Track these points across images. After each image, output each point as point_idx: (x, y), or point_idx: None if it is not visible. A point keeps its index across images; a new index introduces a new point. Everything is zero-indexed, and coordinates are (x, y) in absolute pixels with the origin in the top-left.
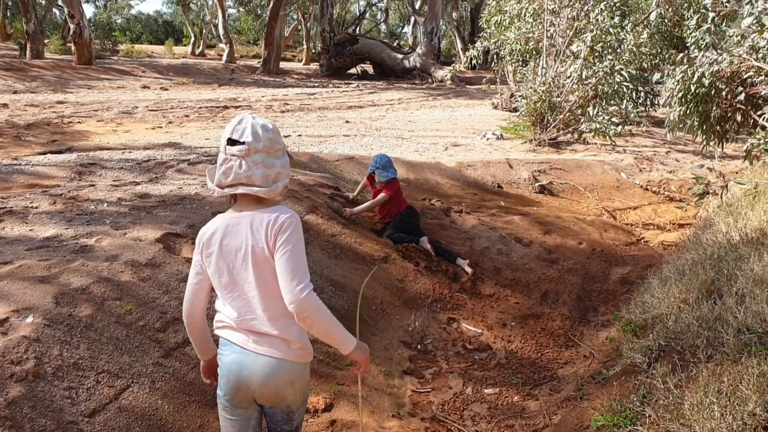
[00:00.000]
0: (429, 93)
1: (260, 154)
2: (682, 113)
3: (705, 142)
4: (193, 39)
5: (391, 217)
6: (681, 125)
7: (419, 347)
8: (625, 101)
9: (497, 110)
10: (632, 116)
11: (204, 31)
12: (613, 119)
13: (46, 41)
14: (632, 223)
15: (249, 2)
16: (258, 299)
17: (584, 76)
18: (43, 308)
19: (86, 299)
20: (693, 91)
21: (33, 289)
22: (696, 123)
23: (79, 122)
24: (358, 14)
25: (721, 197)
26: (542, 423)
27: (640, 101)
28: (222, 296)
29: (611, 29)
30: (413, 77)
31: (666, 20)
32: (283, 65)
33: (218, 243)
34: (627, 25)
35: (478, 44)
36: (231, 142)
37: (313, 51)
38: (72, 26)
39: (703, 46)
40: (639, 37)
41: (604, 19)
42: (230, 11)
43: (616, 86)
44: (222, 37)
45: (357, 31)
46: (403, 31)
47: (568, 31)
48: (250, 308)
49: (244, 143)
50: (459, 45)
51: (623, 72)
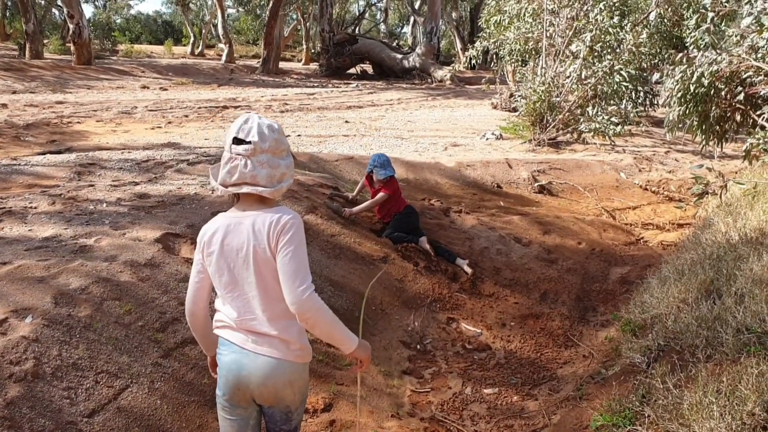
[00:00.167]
0: (428, 93)
1: (266, 154)
2: (682, 113)
3: (704, 142)
4: (193, 39)
5: (391, 217)
6: (680, 125)
7: (418, 347)
8: (625, 101)
9: (497, 110)
10: (631, 116)
11: (203, 31)
12: (613, 119)
13: (46, 41)
14: (631, 223)
15: (248, 2)
16: (258, 299)
17: (583, 76)
18: (42, 308)
19: (85, 299)
20: (692, 91)
21: (32, 290)
22: (695, 123)
23: (79, 122)
24: (358, 14)
25: (721, 197)
26: (541, 423)
27: (640, 101)
28: (222, 295)
29: (610, 29)
30: (413, 77)
31: (665, 20)
32: (283, 65)
33: (219, 242)
34: (626, 25)
35: (478, 44)
36: (237, 141)
37: (313, 51)
38: (71, 26)
39: (703, 46)
40: (638, 37)
41: (604, 19)
42: (229, 11)
43: (616, 86)
44: (221, 37)
45: (356, 31)
46: (403, 31)
47: (568, 31)
48: (250, 308)
49: (250, 143)
50: (458, 45)
51: (622, 72)
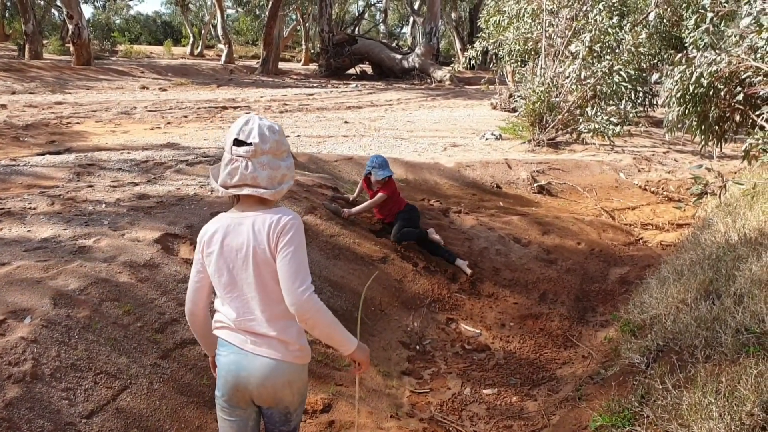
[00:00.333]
0: (428, 93)
1: (266, 156)
2: (681, 113)
3: (703, 142)
4: (192, 39)
5: (393, 217)
6: (679, 125)
7: (418, 348)
8: (624, 101)
9: (496, 110)
10: (631, 116)
11: (203, 32)
12: (612, 119)
13: (45, 42)
14: (631, 224)
15: (248, 3)
16: (257, 300)
17: (583, 77)
18: (41, 309)
19: (84, 300)
20: (691, 91)
21: (31, 290)
22: (694, 123)
23: (78, 123)
24: (357, 14)
25: (720, 197)
26: (541, 423)
27: (639, 101)
28: (221, 296)
29: (610, 29)
30: (412, 77)
31: (664, 20)
32: (282, 65)
33: (219, 242)
34: (625, 26)
35: (477, 44)
36: (237, 143)
37: (312, 51)
38: (71, 27)
39: (702, 46)
40: (637, 38)
41: (603, 20)
42: (229, 12)
43: (615, 86)
44: (221, 38)
45: (356, 32)
46: (402, 32)
47: (567, 32)
48: (249, 309)
49: (251, 144)
50: (458, 45)
51: (622, 72)
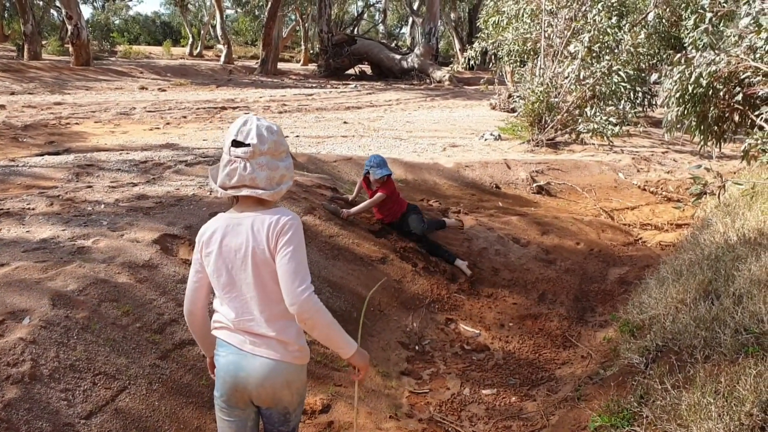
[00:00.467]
0: (427, 93)
1: (265, 157)
2: (680, 113)
3: (703, 143)
4: (191, 40)
5: (393, 217)
6: (679, 125)
7: (417, 348)
8: (623, 101)
9: (495, 111)
10: (630, 116)
11: (202, 32)
12: (611, 119)
13: (44, 42)
14: (630, 224)
15: (247, 3)
16: (256, 300)
17: (582, 77)
18: (40, 310)
19: (83, 301)
20: (691, 92)
21: (29, 291)
22: (694, 123)
23: (77, 123)
24: (356, 15)
25: (719, 197)
26: (540, 424)
27: (638, 101)
28: (220, 296)
29: (609, 30)
30: (411, 78)
31: (664, 20)
32: (281, 66)
33: (218, 242)
34: (624, 26)
35: (476, 45)
36: (236, 144)
37: (311, 52)
38: (70, 27)
39: (701, 47)
40: (636, 38)
41: (602, 20)
42: (228, 12)
43: (614, 87)
44: (220, 38)
45: (355, 32)
46: (401, 32)
47: (566, 32)
48: (248, 309)
49: (249, 145)
50: (457, 45)
51: (621, 72)
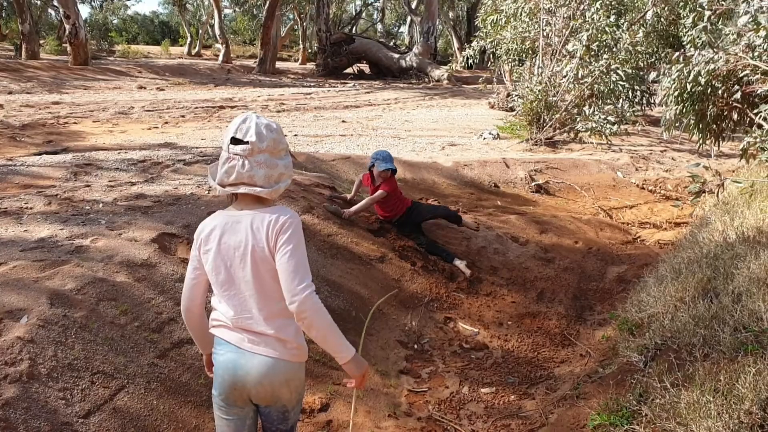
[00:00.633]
0: (425, 92)
1: (263, 154)
2: (679, 112)
3: (701, 141)
4: (190, 39)
5: (396, 214)
6: (677, 124)
7: (416, 347)
8: (621, 100)
9: (494, 110)
10: (628, 115)
11: (200, 32)
12: (609, 118)
13: (42, 42)
14: (628, 222)
15: (245, 2)
16: (254, 298)
17: (580, 76)
18: (38, 309)
19: (81, 300)
20: (689, 90)
21: (27, 290)
22: (692, 121)
23: (75, 123)
24: (355, 14)
25: (718, 196)
26: (539, 422)
27: (636, 100)
28: (218, 294)
29: (607, 28)
30: (410, 77)
31: (662, 19)
32: (280, 65)
33: (217, 240)
34: (623, 24)
35: (475, 44)
36: (234, 141)
37: (310, 51)
38: (68, 27)
39: (700, 45)
40: (635, 36)
41: (600, 18)
42: (226, 11)
43: (612, 85)
44: (218, 38)
45: (353, 31)
46: (400, 31)
47: (564, 31)
48: (246, 307)
49: (248, 143)
50: (455, 44)
51: (619, 71)
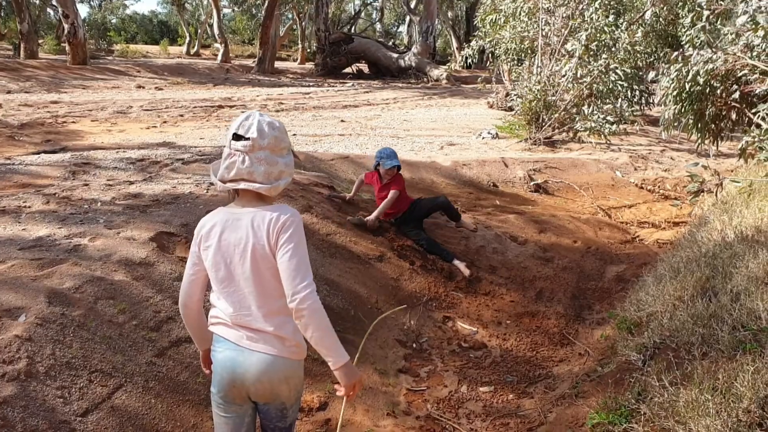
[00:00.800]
0: (424, 92)
1: (264, 151)
2: (677, 111)
3: (700, 141)
4: (188, 39)
5: (402, 209)
6: (676, 123)
7: (414, 346)
8: (620, 100)
9: (493, 109)
10: (627, 115)
11: (199, 31)
12: (608, 118)
13: (41, 41)
14: (627, 222)
15: (244, 2)
16: (253, 296)
17: (579, 75)
18: (36, 307)
19: (79, 298)
20: (688, 90)
21: (25, 289)
22: (691, 121)
23: (74, 122)
24: (354, 13)
25: (716, 195)
26: (537, 421)
27: (635, 100)
28: (218, 290)
29: (606, 28)
30: (409, 76)
31: (661, 19)
32: (278, 65)
33: (217, 237)
34: (622, 24)
35: (474, 43)
36: (236, 137)
37: (308, 50)
38: (66, 26)
39: (698, 45)
40: (634, 36)
41: (599, 18)
42: (225, 11)
43: (611, 85)
44: (217, 37)
45: (352, 31)
46: (399, 31)
47: (563, 30)
48: (245, 304)
49: (249, 139)
50: (454, 44)
51: (618, 71)
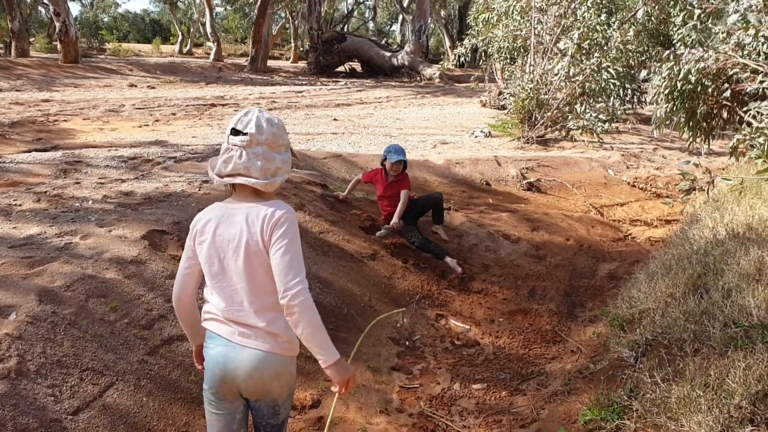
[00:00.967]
0: (417, 91)
1: (261, 147)
2: (669, 110)
3: (691, 139)
4: (181, 37)
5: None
6: (668, 122)
7: (407, 344)
8: (612, 98)
9: (485, 108)
10: (619, 113)
11: (191, 30)
12: (601, 116)
13: (32, 39)
14: (619, 220)
15: (236, 0)
16: (245, 291)
17: (571, 74)
18: (26, 306)
19: (70, 296)
20: (679, 88)
21: (15, 287)
22: (682, 120)
23: (65, 120)
24: (346, 12)
25: (708, 193)
26: (530, 418)
27: (627, 98)
28: (211, 285)
29: (598, 27)
30: (401, 75)
31: (652, 18)
32: (271, 63)
33: (212, 231)
34: (614, 23)
35: (466, 42)
36: (234, 132)
37: (301, 49)
38: (58, 24)
39: (690, 44)
40: (626, 35)
41: (591, 17)
42: (218, 9)
43: (604, 83)
44: (209, 36)
45: (345, 29)
46: (391, 29)
47: (556, 29)
48: (237, 299)
49: (247, 134)
50: (447, 43)
51: (610, 69)
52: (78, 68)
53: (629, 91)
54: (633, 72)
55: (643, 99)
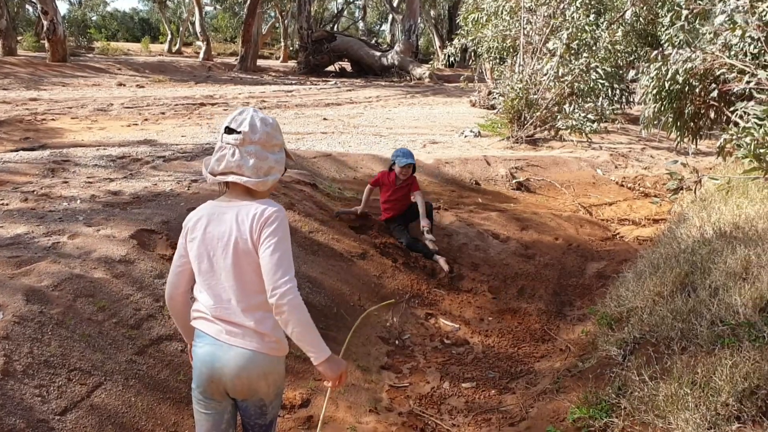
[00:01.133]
0: (407, 90)
1: (255, 146)
2: (657, 110)
3: (679, 139)
4: (170, 37)
5: (404, 210)
6: (655, 122)
7: (397, 343)
8: (601, 98)
9: (475, 108)
10: (608, 113)
11: (181, 29)
12: (589, 116)
13: (19, 38)
14: (608, 219)
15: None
16: (233, 289)
17: (560, 74)
18: (13, 305)
19: (57, 296)
20: (667, 88)
21: (2, 287)
22: (670, 119)
23: (53, 119)
24: (336, 12)
25: (695, 192)
26: (519, 416)
27: (616, 98)
28: (200, 283)
29: (587, 27)
30: (391, 75)
31: (640, 18)
32: (261, 63)
33: (202, 229)
34: (602, 23)
35: (456, 42)
36: (228, 131)
37: (291, 48)
38: (45, 23)
39: (677, 44)
40: (614, 35)
41: (580, 17)
42: (207, 9)
43: (592, 83)
44: (199, 35)
45: (335, 29)
46: (381, 29)
47: (545, 29)
48: (225, 297)
49: (240, 133)
50: (437, 43)
51: (599, 69)
52: (66, 67)
53: (618, 91)
54: (621, 72)
55: (632, 99)
